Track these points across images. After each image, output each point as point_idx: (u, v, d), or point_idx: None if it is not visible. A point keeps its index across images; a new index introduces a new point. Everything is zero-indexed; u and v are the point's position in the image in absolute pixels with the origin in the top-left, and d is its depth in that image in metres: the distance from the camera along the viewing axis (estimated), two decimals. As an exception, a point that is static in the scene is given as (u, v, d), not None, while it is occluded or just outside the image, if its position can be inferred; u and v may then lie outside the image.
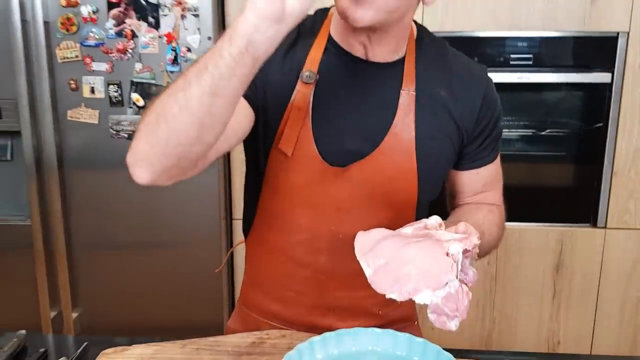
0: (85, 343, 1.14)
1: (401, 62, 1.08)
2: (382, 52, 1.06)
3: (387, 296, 0.81)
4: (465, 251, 0.83)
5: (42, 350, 1.11)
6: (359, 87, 1.07)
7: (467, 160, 1.15)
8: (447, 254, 0.82)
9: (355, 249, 0.91)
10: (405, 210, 1.12)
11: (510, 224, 2.42)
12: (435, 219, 0.92)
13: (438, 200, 1.19)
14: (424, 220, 0.93)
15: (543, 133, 2.44)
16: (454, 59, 1.13)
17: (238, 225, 1.96)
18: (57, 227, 2.32)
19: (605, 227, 2.42)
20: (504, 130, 1.20)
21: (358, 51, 1.06)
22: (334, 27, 1.09)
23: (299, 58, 1.06)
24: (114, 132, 2.25)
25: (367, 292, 1.12)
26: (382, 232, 0.93)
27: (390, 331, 0.99)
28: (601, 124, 2.36)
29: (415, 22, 1.11)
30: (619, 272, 2.45)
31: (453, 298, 0.79)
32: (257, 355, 1.07)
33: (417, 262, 0.82)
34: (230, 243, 2.46)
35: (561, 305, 2.48)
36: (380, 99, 1.07)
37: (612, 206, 2.40)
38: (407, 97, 1.06)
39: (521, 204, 2.42)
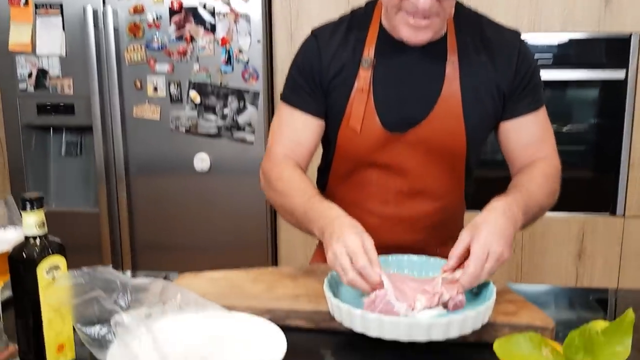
0: (165, 274, 1.28)
1: (444, 38, 1.24)
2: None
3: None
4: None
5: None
6: (409, 65, 1.24)
7: (508, 111, 1.28)
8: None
9: None
10: (456, 164, 1.29)
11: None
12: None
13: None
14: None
15: (564, 129, 2.55)
16: (488, 26, 1.28)
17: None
18: (123, 214, 2.57)
19: (623, 216, 2.53)
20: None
21: None
22: (384, 18, 1.26)
23: (355, 49, 1.25)
24: (174, 127, 2.50)
25: (428, 234, 1.37)
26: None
27: (424, 257, 1.17)
28: (617, 119, 2.48)
29: None
30: (638, 258, 2.55)
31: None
32: (312, 278, 1.23)
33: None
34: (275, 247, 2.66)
35: (584, 290, 2.59)
36: (429, 72, 1.24)
37: (630, 196, 2.51)
38: (451, 67, 1.23)
39: (545, 195, 2.59)
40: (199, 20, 2.41)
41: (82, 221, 2.62)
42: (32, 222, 0.94)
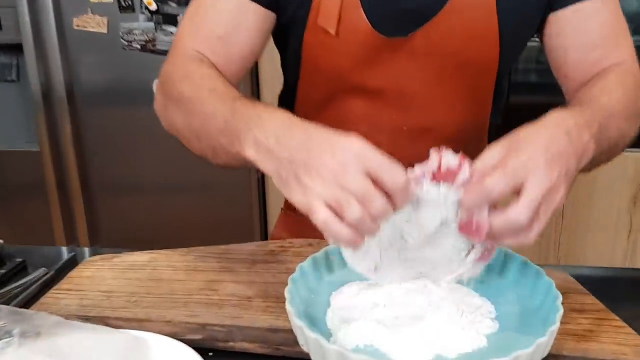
0: (72, 254, 0.93)
1: None
2: None
3: None
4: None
5: (18, 260, 0.89)
6: None
7: None
8: None
9: None
10: (482, 83, 0.94)
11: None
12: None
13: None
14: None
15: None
16: None
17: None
18: (68, 151, 2.15)
19: (694, 152, 2.18)
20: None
21: None
22: None
23: None
24: (126, 44, 2.02)
25: None
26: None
27: None
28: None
29: None
30: None
31: None
32: (275, 264, 0.84)
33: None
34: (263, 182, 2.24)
35: (638, 243, 2.27)
36: None
37: None
38: None
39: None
40: None
41: (22, 162, 2.22)
42: None
